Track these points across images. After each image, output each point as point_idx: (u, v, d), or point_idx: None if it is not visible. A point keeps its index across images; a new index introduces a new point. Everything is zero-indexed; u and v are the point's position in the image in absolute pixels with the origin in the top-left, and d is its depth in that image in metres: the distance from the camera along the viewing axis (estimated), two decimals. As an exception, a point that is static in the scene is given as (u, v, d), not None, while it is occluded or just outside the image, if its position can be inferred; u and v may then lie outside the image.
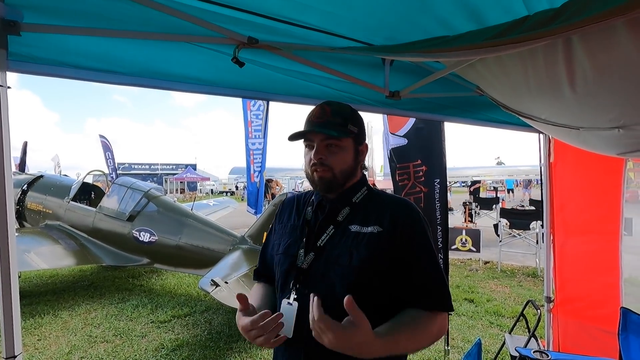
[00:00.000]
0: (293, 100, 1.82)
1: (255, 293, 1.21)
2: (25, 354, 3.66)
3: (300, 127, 1.14)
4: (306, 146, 1.10)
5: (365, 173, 1.21)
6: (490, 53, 1.08)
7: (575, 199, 2.74)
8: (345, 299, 0.82)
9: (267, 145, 7.39)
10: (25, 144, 10.51)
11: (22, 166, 9.67)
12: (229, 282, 3.59)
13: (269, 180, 13.87)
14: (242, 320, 0.95)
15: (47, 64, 1.27)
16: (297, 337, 0.99)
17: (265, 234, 4.58)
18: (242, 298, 0.97)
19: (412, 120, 3.07)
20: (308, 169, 1.09)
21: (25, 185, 6.62)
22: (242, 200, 22.28)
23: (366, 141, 1.16)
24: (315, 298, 0.85)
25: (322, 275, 1.02)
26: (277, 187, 17.52)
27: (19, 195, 6.52)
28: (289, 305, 1.02)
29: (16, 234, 1.11)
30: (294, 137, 1.09)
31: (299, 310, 1.00)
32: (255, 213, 7.31)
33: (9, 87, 1.06)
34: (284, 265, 1.10)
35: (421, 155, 3.03)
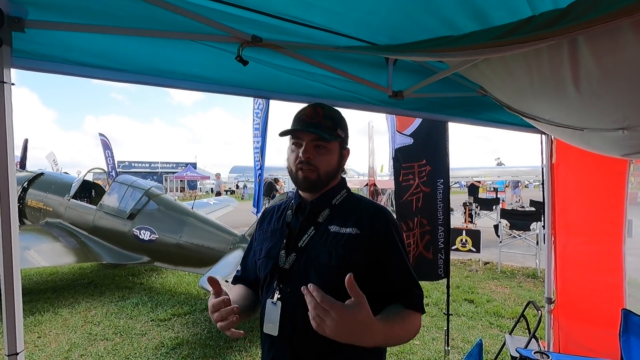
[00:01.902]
0: (296, 99, 1.82)
1: (235, 291, 1.24)
2: (25, 351, 3.66)
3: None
4: (293, 143, 1.13)
5: (345, 176, 1.25)
6: (495, 53, 1.08)
7: (577, 200, 2.74)
8: (347, 277, 0.84)
9: (267, 145, 7.37)
10: (26, 142, 10.49)
11: (22, 164, 9.65)
12: (230, 281, 3.59)
13: (275, 180, 13.79)
14: (210, 301, 1.01)
15: (50, 60, 1.27)
16: (282, 334, 1.03)
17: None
18: (213, 281, 1.00)
19: (418, 119, 3.07)
20: (293, 167, 1.12)
21: (26, 183, 6.62)
22: (242, 199, 22.29)
23: (348, 146, 1.21)
24: (311, 285, 0.85)
25: (303, 274, 1.05)
26: (277, 186, 17.48)
27: (19, 193, 6.51)
28: (273, 305, 1.06)
29: (19, 231, 1.11)
30: (285, 133, 1.12)
31: (283, 308, 1.04)
32: (256, 212, 7.30)
33: (12, 84, 1.06)
34: (267, 268, 1.13)
35: (426, 155, 3.03)
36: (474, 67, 1.39)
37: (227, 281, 3.55)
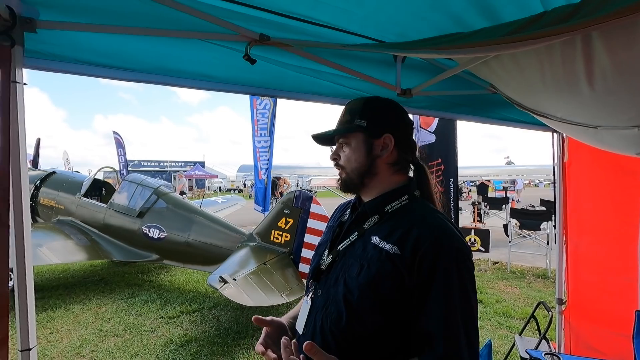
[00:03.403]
0: (304, 98, 1.82)
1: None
2: (38, 346, 3.74)
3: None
4: None
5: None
6: (506, 50, 1.06)
7: (590, 199, 2.68)
8: (305, 345, 0.80)
9: (274, 144, 7.40)
10: (38, 141, 10.67)
11: (35, 162, 9.82)
12: (237, 279, 3.61)
13: (277, 178, 13.87)
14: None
15: (61, 60, 1.29)
16: (304, 334, 1.01)
17: (273, 231, 4.60)
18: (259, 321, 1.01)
19: None
20: None
21: (38, 181, 6.74)
22: (249, 197, 22.40)
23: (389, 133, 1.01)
24: (308, 344, 0.80)
25: (335, 280, 0.97)
26: (284, 184, 17.57)
27: (32, 191, 6.63)
28: (306, 303, 1.04)
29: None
30: (317, 142, 1.13)
31: (310, 308, 1.02)
32: (263, 211, 7.33)
33: (25, 84, 1.08)
34: (312, 263, 1.10)
35: (441, 154, 2.99)
36: (484, 64, 1.37)
37: (234, 279, 3.57)
